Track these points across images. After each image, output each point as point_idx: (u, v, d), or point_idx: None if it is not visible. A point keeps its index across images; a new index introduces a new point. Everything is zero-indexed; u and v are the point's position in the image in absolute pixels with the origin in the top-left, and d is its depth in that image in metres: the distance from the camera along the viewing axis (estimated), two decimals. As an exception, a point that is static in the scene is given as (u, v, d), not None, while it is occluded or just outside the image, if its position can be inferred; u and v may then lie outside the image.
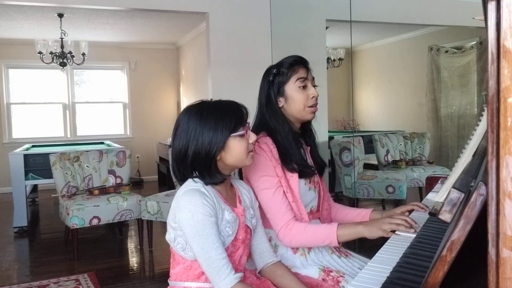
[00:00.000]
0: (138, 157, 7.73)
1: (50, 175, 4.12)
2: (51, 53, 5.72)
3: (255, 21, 4.66)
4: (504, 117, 0.55)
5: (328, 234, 1.44)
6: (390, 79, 6.64)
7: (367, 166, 4.95)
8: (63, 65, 5.80)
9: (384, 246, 1.29)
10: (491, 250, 0.57)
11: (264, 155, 1.50)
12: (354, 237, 1.44)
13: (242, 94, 1.72)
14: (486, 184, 0.60)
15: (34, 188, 6.00)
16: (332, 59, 6.02)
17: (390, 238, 1.36)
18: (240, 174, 1.61)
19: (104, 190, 3.97)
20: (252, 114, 1.47)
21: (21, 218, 4.52)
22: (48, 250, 3.99)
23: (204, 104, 1.32)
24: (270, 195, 1.48)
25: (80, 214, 3.60)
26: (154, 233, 3.89)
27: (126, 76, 7.84)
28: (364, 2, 4.75)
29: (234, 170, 1.45)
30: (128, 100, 7.85)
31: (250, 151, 1.34)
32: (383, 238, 1.40)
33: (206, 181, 1.29)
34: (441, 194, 1.69)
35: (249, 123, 1.34)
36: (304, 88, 1.55)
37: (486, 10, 0.57)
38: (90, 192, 3.94)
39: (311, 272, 1.51)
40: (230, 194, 1.38)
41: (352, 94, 7.01)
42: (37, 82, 7.41)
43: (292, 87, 1.55)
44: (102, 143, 6.10)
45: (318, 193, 1.65)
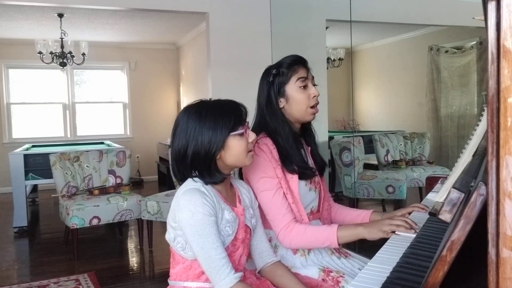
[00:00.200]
0: (138, 157, 7.73)
1: (50, 175, 4.12)
2: (51, 53, 5.72)
3: (255, 21, 4.66)
4: (504, 117, 0.55)
5: (328, 235, 1.44)
6: (390, 79, 6.64)
7: (367, 166, 4.95)
8: (63, 65, 5.80)
9: (384, 246, 1.29)
10: (491, 250, 0.57)
11: (264, 156, 1.50)
12: (354, 238, 1.44)
13: (242, 94, 1.71)
14: (486, 184, 0.60)
15: (34, 188, 6.00)
16: (332, 59, 6.03)
17: (390, 238, 1.36)
18: (240, 174, 1.61)
19: (104, 190, 3.97)
20: (251, 114, 1.46)
21: (21, 218, 4.52)
22: (48, 250, 3.99)
23: (203, 103, 1.32)
24: (270, 197, 1.48)
25: (80, 214, 3.60)
26: (154, 233, 3.89)
27: (126, 76, 7.84)
28: (364, 2, 4.75)
29: (234, 170, 1.44)
30: (128, 100, 7.85)
31: (250, 151, 1.33)
32: (383, 238, 1.40)
33: (206, 180, 1.29)
34: (441, 194, 1.69)
35: (248, 122, 1.34)
36: (304, 88, 1.55)
37: (486, 10, 0.57)
38: (90, 192, 3.94)
39: (311, 272, 1.51)
40: (230, 193, 1.38)
41: (352, 94, 7.02)
42: (37, 82, 7.41)
43: (292, 87, 1.54)
44: (102, 143, 6.10)
45: (319, 193, 1.65)
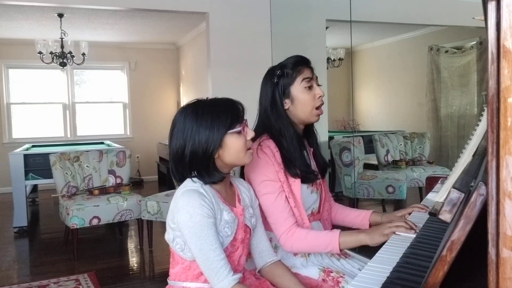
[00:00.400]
0: (138, 157, 7.73)
1: (50, 175, 4.12)
2: (51, 53, 5.72)
3: (255, 21, 4.66)
4: (504, 117, 0.55)
5: (330, 241, 1.44)
6: (390, 79, 6.64)
7: (367, 166, 4.95)
8: (63, 65, 5.80)
9: (384, 246, 1.30)
10: (491, 250, 0.57)
11: (266, 160, 1.49)
12: (356, 245, 1.45)
13: (242, 94, 1.71)
14: (486, 184, 0.60)
15: (34, 188, 6.00)
16: (332, 59, 6.03)
17: (390, 238, 1.36)
18: (241, 175, 1.59)
19: (104, 190, 3.97)
20: (251, 114, 1.46)
21: (21, 218, 4.52)
22: (48, 250, 3.99)
23: (199, 103, 1.31)
24: (272, 200, 1.47)
25: (80, 214, 3.60)
26: (154, 233, 3.89)
27: (126, 76, 7.84)
28: (364, 2, 4.75)
29: (234, 170, 1.44)
30: (128, 100, 7.85)
31: (249, 149, 1.32)
32: (383, 238, 1.40)
33: (205, 180, 1.28)
34: (441, 194, 1.69)
35: (246, 120, 1.33)
36: (310, 88, 1.54)
37: (486, 10, 0.57)
38: (90, 192, 3.94)
39: (311, 272, 1.51)
40: (229, 193, 1.37)
41: (352, 94, 7.01)
42: (37, 82, 7.41)
43: (298, 88, 1.53)
44: (102, 143, 6.10)
45: (320, 195, 1.64)
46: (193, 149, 1.26)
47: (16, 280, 3.25)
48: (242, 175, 1.58)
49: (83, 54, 5.85)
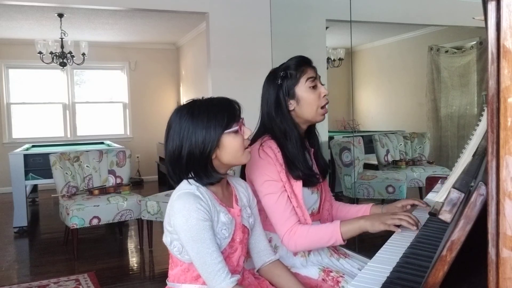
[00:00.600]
0: (138, 157, 7.73)
1: (50, 175, 4.12)
2: (51, 53, 5.72)
3: (255, 21, 4.66)
4: (504, 117, 0.55)
5: (332, 233, 1.43)
6: (390, 79, 6.64)
7: (367, 166, 4.95)
8: (63, 65, 5.80)
9: (384, 246, 1.29)
10: (491, 250, 0.57)
11: (268, 160, 1.48)
12: (357, 232, 1.43)
13: (242, 94, 1.71)
14: (486, 184, 0.60)
15: (34, 188, 6.00)
16: (332, 59, 6.02)
17: (390, 238, 1.36)
18: (242, 176, 1.58)
19: (104, 190, 3.97)
20: (250, 114, 1.45)
21: (21, 218, 4.52)
22: (48, 250, 3.99)
23: (195, 103, 1.29)
24: (274, 200, 1.46)
25: (80, 214, 3.60)
26: (154, 233, 3.89)
27: (126, 76, 7.84)
28: (364, 2, 4.75)
29: (234, 169, 1.43)
30: (128, 100, 7.85)
31: (246, 148, 1.30)
32: (383, 238, 1.40)
33: (204, 181, 1.27)
34: (441, 194, 1.69)
35: (243, 119, 1.31)
36: (314, 87, 1.54)
37: (486, 10, 0.57)
38: (90, 192, 3.94)
39: (311, 272, 1.51)
40: (226, 194, 1.35)
41: (352, 94, 7.01)
42: (37, 82, 7.41)
43: (302, 88, 1.53)
44: (102, 143, 6.10)
45: (320, 195, 1.64)
46: (190, 150, 1.24)
47: (16, 280, 3.25)
48: (243, 176, 1.57)
49: (83, 54, 5.85)
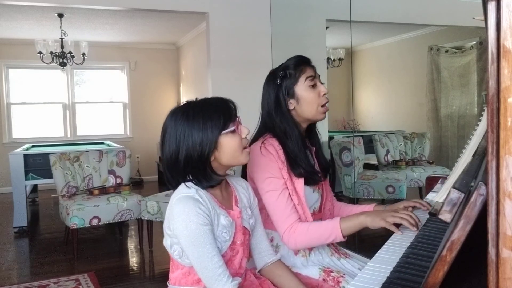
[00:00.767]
0: (138, 157, 7.73)
1: (50, 175, 4.12)
2: (51, 53, 5.72)
3: (255, 21, 4.66)
4: (504, 117, 0.55)
5: (332, 229, 1.43)
6: (390, 79, 6.64)
7: (367, 166, 4.95)
8: (63, 65, 5.80)
9: (384, 246, 1.29)
10: (491, 250, 0.57)
11: (270, 157, 1.48)
12: (358, 228, 1.42)
13: (242, 94, 1.71)
14: (486, 184, 0.60)
15: (34, 188, 6.00)
16: (332, 59, 6.02)
17: (390, 238, 1.36)
18: (243, 174, 1.59)
19: (104, 190, 3.97)
20: (250, 113, 1.45)
21: (21, 218, 4.52)
22: (48, 250, 3.99)
23: (189, 104, 1.27)
24: (275, 197, 1.46)
25: (80, 214, 3.60)
26: (154, 233, 3.89)
27: (126, 76, 7.84)
28: (364, 2, 4.75)
29: (234, 169, 1.42)
30: (128, 100, 7.85)
31: (245, 147, 1.28)
32: (383, 238, 1.40)
33: (203, 185, 1.25)
34: (441, 194, 1.69)
35: (239, 117, 1.29)
36: (313, 86, 1.55)
37: (486, 10, 0.57)
38: (90, 192, 3.94)
39: (312, 272, 1.51)
40: (225, 195, 1.33)
41: (352, 94, 7.01)
42: (37, 82, 7.41)
43: (302, 87, 1.54)
44: (102, 143, 6.10)
45: (321, 194, 1.65)
46: (187, 153, 1.22)
47: (16, 280, 3.25)
48: (244, 175, 1.57)
49: (83, 54, 5.85)
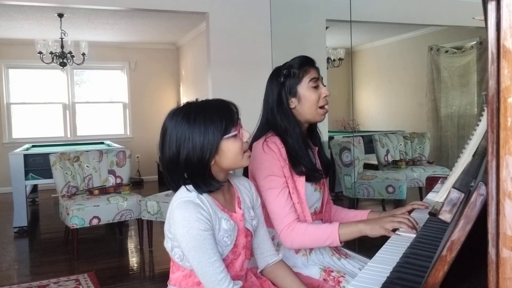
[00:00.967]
0: (138, 157, 7.72)
1: (50, 175, 4.12)
2: (51, 53, 5.72)
3: (255, 21, 4.66)
4: (504, 117, 0.55)
5: (329, 233, 1.43)
6: (390, 79, 6.64)
7: (367, 166, 4.95)
8: (63, 65, 5.80)
9: (384, 246, 1.29)
10: (491, 250, 0.57)
11: (272, 155, 1.49)
12: (356, 235, 1.43)
13: (242, 94, 1.71)
14: (486, 184, 0.60)
15: (34, 188, 6.00)
16: (332, 59, 6.02)
17: (390, 238, 1.36)
18: (245, 172, 1.59)
19: (104, 190, 3.97)
20: (251, 113, 1.45)
21: (21, 218, 4.52)
22: (48, 250, 3.99)
23: (190, 106, 1.24)
24: (275, 195, 1.47)
25: (80, 214, 3.60)
26: (154, 233, 3.89)
27: (126, 76, 7.84)
28: (364, 2, 4.75)
29: (234, 170, 1.42)
30: (128, 100, 7.85)
31: (245, 151, 1.26)
32: (383, 238, 1.40)
33: (202, 190, 1.23)
34: (441, 194, 1.69)
35: (240, 120, 1.27)
36: (316, 88, 1.56)
37: (486, 10, 0.57)
38: (90, 192, 3.94)
39: (312, 272, 1.51)
40: (228, 197, 1.31)
41: (352, 94, 7.01)
42: (37, 82, 7.41)
43: (304, 88, 1.55)
44: (102, 143, 6.10)
45: (323, 194, 1.65)
46: (187, 156, 1.19)
47: (16, 280, 3.25)
48: (246, 173, 1.58)
49: (83, 54, 5.85)
